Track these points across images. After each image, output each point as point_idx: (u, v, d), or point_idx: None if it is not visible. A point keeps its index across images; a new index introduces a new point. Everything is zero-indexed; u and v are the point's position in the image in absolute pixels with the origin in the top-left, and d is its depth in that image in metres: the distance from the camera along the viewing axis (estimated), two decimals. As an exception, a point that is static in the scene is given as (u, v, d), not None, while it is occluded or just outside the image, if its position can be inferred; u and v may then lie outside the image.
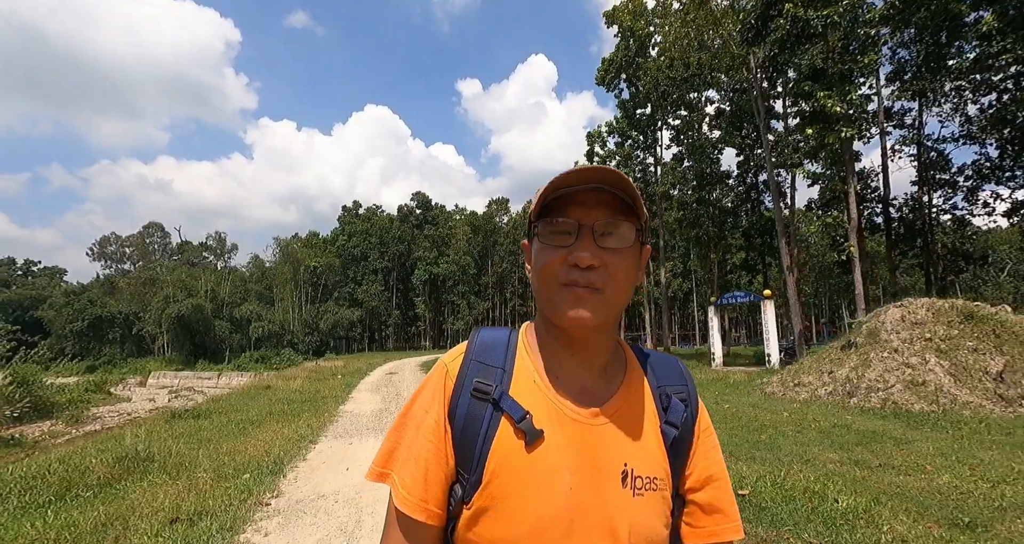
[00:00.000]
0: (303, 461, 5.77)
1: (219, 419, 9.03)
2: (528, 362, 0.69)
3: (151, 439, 6.73)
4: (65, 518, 3.78)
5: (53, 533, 3.46)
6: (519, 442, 0.62)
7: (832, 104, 12.98)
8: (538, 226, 0.65)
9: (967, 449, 4.74)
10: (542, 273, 0.63)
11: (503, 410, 0.64)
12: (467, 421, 0.64)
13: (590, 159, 29.02)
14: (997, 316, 8.05)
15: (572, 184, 0.62)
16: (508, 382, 0.67)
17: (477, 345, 0.71)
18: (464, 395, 0.66)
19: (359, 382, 16.63)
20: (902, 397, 7.20)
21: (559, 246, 0.62)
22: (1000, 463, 4.22)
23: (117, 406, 22.80)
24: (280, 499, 4.36)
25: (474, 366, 0.68)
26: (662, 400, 0.71)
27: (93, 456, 5.55)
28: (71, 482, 4.70)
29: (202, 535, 3.41)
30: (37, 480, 4.76)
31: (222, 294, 53.10)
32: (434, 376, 0.70)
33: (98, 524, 3.63)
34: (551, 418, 0.64)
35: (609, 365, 0.70)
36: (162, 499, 4.15)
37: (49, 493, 4.41)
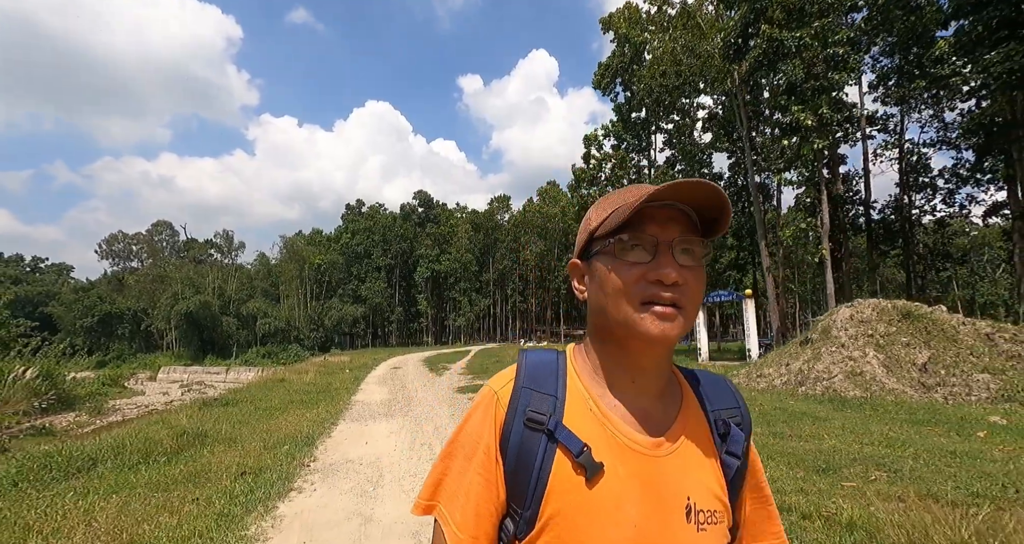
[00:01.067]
0: (328, 438, 6.93)
1: (246, 407, 10.21)
2: (581, 388, 0.65)
3: (196, 421, 7.92)
4: (157, 473, 4.95)
5: (156, 480, 4.63)
6: (579, 477, 0.59)
7: (804, 118, 14.04)
8: (607, 243, 0.62)
9: (865, 424, 5.88)
10: (617, 291, 0.60)
11: (559, 441, 0.60)
12: (521, 452, 0.61)
13: (586, 162, 30.04)
14: (931, 315, 9.19)
15: (660, 199, 0.59)
16: (562, 410, 0.63)
17: (526, 370, 0.67)
18: (517, 424, 0.62)
19: (366, 376, 17.83)
20: (842, 385, 8.35)
21: (635, 263, 0.60)
22: (880, 433, 5.35)
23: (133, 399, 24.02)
24: (317, 462, 5.52)
25: (525, 393, 0.64)
26: (718, 427, 0.67)
27: (156, 433, 6.73)
28: (149, 450, 5.87)
29: (266, 483, 4.57)
30: (120, 450, 5.93)
31: (229, 291, 54.39)
32: (483, 403, 0.66)
33: (187, 475, 4.79)
34: (611, 449, 0.61)
35: (666, 390, 0.67)
36: (228, 460, 5.32)
37: (136, 457, 5.58)
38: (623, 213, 0.60)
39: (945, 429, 5.52)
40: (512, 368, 0.69)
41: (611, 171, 27.63)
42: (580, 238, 0.68)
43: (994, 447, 4.67)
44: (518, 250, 56.23)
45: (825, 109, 14.13)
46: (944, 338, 8.64)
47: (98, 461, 5.54)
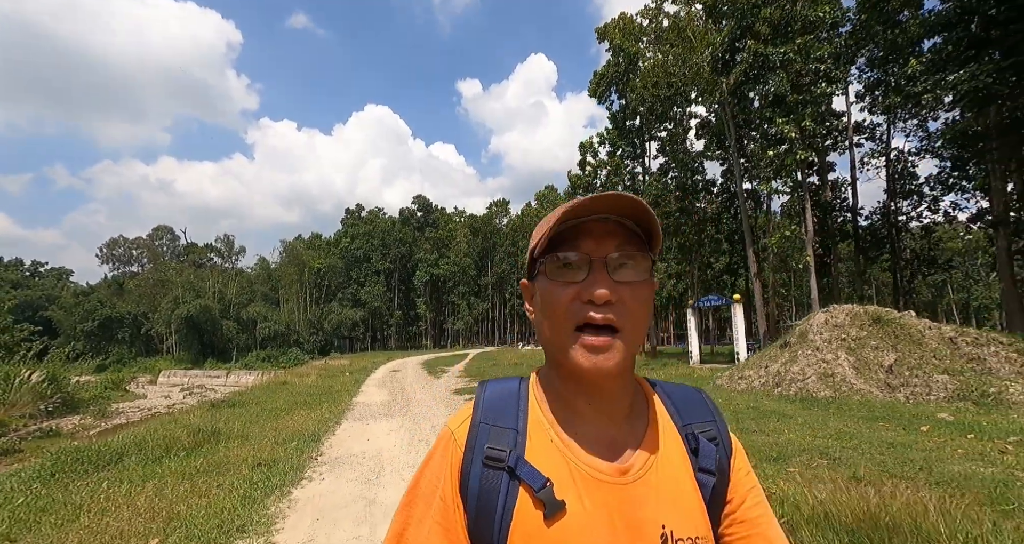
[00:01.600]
0: (333, 435, 7.45)
1: (253, 408, 10.72)
2: (542, 418, 0.62)
3: (209, 420, 8.44)
4: (180, 465, 5.47)
5: (180, 471, 5.15)
6: (540, 514, 0.55)
7: (789, 130, 14.65)
8: (542, 262, 0.59)
9: (825, 421, 6.42)
10: (552, 314, 0.58)
11: (520, 478, 0.57)
12: (482, 495, 0.57)
13: (582, 168, 30.65)
14: (900, 320, 9.75)
15: (581, 215, 0.57)
16: (523, 444, 0.60)
17: (484, 405, 0.63)
18: (475, 465, 0.59)
19: (366, 378, 18.34)
20: (814, 386, 8.90)
21: (569, 282, 0.57)
22: (835, 428, 5.90)
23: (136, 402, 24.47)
24: (323, 456, 6.05)
25: (483, 429, 0.61)
26: (689, 441, 0.63)
27: (173, 431, 7.25)
28: (168, 446, 6.39)
29: (280, 472, 5.10)
30: (142, 445, 6.45)
31: (229, 295, 54.86)
32: (439, 445, 0.63)
33: (207, 466, 5.32)
34: (575, 482, 0.57)
35: (631, 410, 0.64)
36: (243, 454, 5.85)
37: (158, 452, 6.10)
38: (549, 230, 0.57)
39: (895, 424, 6.07)
40: (470, 404, 0.65)
41: (606, 178, 28.24)
42: (529, 258, 0.64)
43: (930, 439, 5.23)
44: (516, 254, 56.79)
45: (809, 122, 14.74)
46: (910, 342, 9.20)
47: (124, 455, 6.06)
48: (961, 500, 3.24)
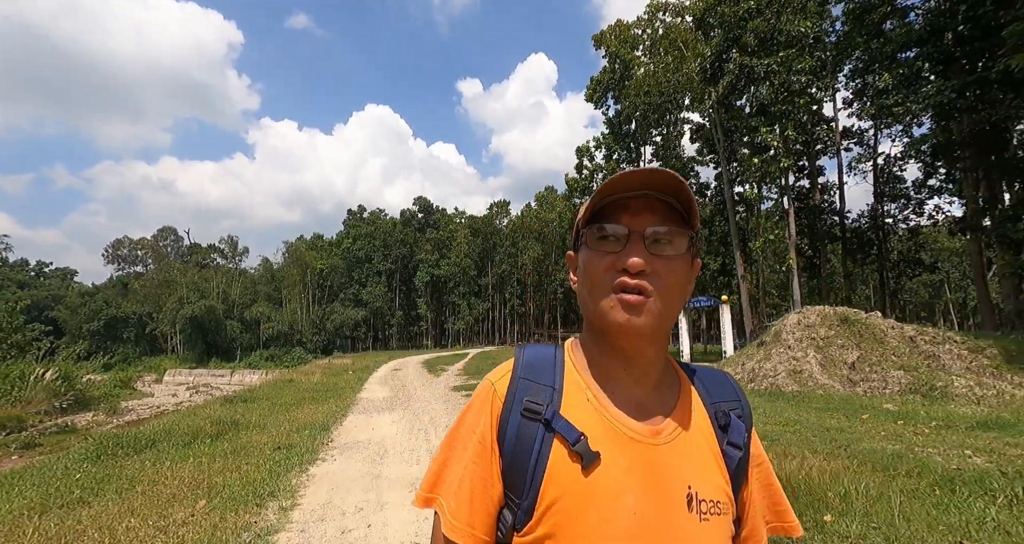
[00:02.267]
0: (340, 426, 8.20)
1: (266, 402, 11.48)
2: (579, 379, 0.66)
3: (228, 412, 9.20)
4: (208, 448, 6.23)
5: (209, 453, 5.91)
6: (575, 466, 0.59)
7: (771, 139, 15.38)
8: (584, 234, 0.64)
9: (782, 410, 7.16)
10: (590, 280, 0.62)
11: (556, 431, 0.61)
12: (518, 443, 0.62)
13: (579, 172, 31.38)
14: (866, 320, 10.49)
15: (620, 191, 0.61)
16: (559, 400, 0.64)
17: (524, 362, 0.68)
18: (514, 415, 0.63)
19: (369, 377, 19.08)
20: (784, 382, 9.64)
21: (608, 252, 0.61)
22: (787, 416, 6.63)
23: (144, 400, 25.26)
24: (333, 442, 6.80)
25: (523, 384, 0.65)
26: (718, 418, 0.67)
27: (196, 421, 8.01)
28: (195, 434, 7.15)
29: (298, 454, 5.85)
30: (170, 433, 7.21)
31: (233, 295, 55.68)
32: (480, 394, 0.68)
33: (233, 450, 6.08)
34: (608, 438, 0.61)
35: (662, 381, 0.68)
36: (263, 440, 6.61)
37: (186, 438, 6.86)
38: (591, 204, 0.62)
39: (841, 414, 6.81)
40: (510, 361, 0.70)
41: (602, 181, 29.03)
42: (575, 231, 0.69)
43: (864, 425, 5.96)
44: (516, 255, 57.47)
45: (791, 131, 15.46)
46: (874, 340, 9.94)
47: (156, 441, 6.82)
48: (857, 469, 4.00)
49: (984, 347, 9.26)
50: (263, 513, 3.90)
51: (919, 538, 2.77)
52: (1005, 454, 4.52)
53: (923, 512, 3.12)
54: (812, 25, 15.22)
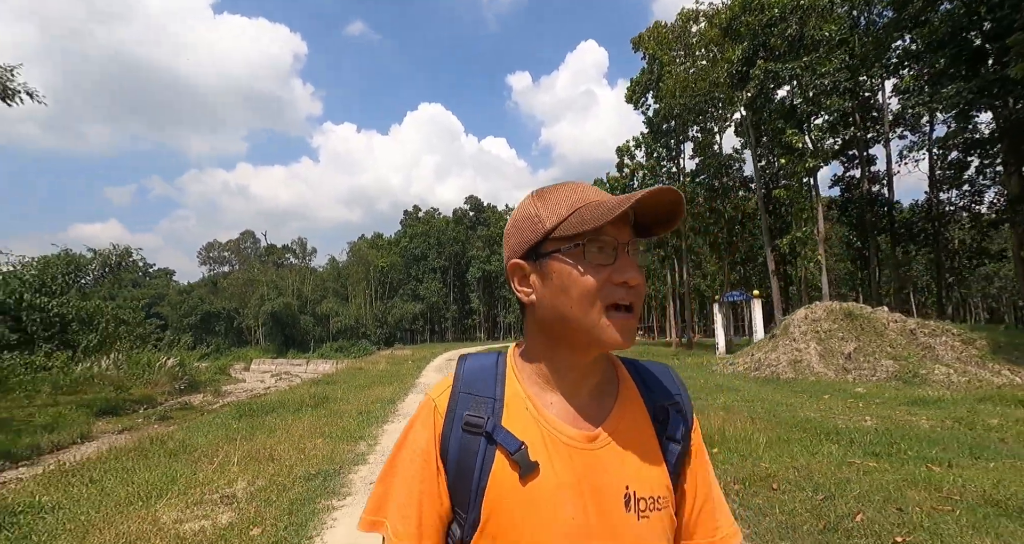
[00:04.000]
0: (403, 401, 10.39)
1: (343, 385, 14.03)
2: (519, 389, 0.67)
3: (320, 390, 11.72)
4: (312, 414, 8.56)
5: (314, 415, 8.22)
6: (515, 475, 0.61)
7: (796, 140, 16.02)
8: (572, 245, 0.61)
9: (767, 393, 8.49)
10: (581, 294, 0.61)
11: (497, 442, 0.62)
12: (461, 457, 0.63)
13: (619, 170, 32.38)
14: (870, 314, 11.34)
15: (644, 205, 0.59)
16: (500, 412, 0.65)
17: (464, 376, 0.68)
18: (455, 430, 0.64)
19: (426, 366, 21.60)
20: (783, 370, 10.79)
21: (601, 265, 0.61)
22: (762, 396, 7.98)
23: (238, 385, 29.39)
24: (398, 411, 8.96)
25: (463, 398, 0.66)
26: (658, 414, 0.69)
27: (299, 396, 10.50)
28: (300, 404, 9.57)
29: (374, 417, 8.02)
30: (282, 404, 9.67)
31: (305, 292, 61.22)
32: (421, 413, 0.68)
33: (329, 414, 8.37)
34: (546, 446, 0.63)
35: (603, 383, 0.70)
36: (348, 408, 8.89)
37: (294, 407, 9.27)
38: (599, 216, 0.59)
39: (810, 395, 8.07)
40: (450, 375, 0.70)
41: (642, 180, 29.90)
42: (526, 237, 0.65)
43: (820, 403, 7.28)
44: (564, 249, 58.66)
45: (816, 132, 16.03)
46: (874, 333, 10.84)
47: (274, 409, 9.30)
48: (771, 427, 5.53)
49: (976, 339, 9.96)
50: (357, 446, 6.02)
51: (753, 458, 4.37)
52: (897, 420, 5.82)
53: (782, 450, 4.68)
54: (837, 28, 15.62)
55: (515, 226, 0.67)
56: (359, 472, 4.91)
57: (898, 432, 5.19)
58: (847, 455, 4.48)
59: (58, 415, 15.67)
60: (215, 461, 5.24)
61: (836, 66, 15.34)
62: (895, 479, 3.71)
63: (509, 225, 0.69)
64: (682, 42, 23.22)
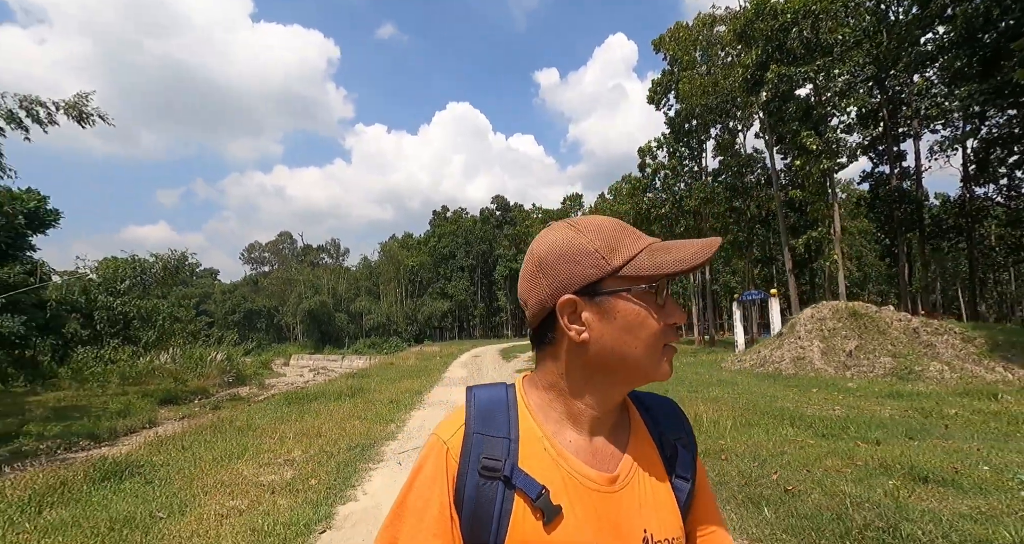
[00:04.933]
0: (429, 393, 11.51)
1: (376, 378, 15.31)
2: (534, 426, 0.65)
3: (355, 382, 12.99)
4: (349, 401, 9.76)
5: (351, 403, 9.41)
6: (537, 522, 0.59)
7: (811, 142, 16.31)
8: (643, 287, 0.61)
9: (761, 387, 9.14)
10: (647, 336, 0.61)
11: (516, 487, 0.60)
12: (477, 504, 0.60)
13: (641, 170, 32.78)
14: (874, 314, 11.73)
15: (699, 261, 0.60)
16: (516, 452, 0.62)
17: (475, 413, 0.65)
18: (471, 475, 0.61)
19: (453, 361, 22.81)
20: (786, 367, 11.34)
21: (660, 307, 0.62)
22: (753, 389, 8.66)
23: (280, 379, 31.38)
24: (424, 401, 10.06)
25: (477, 440, 0.62)
26: (665, 448, 0.69)
27: (337, 387, 11.76)
28: (338, 394, 10.81)
29: (403, 406, 9.14)
30: (322, 393, 10.94)
31: (340, 291, 63.86)
32: (432, 456, 0.64)
33: (363, 401, 9.55)
34: (567, 489, 0.61)
35: (619, 418, 0.69)
36: (380, 397, 10.06)
37: (334, 396, 10.51)
38: (677, 262, 0.59)
39: (801, 389, 8.69)
40: (460, 412, 0.67)
41: (664, 180, 30.25)
42: (582, 272, 0.61)
43: (803, 396, 7.93)
44: (590, 247, 59.03)
45: (831, 134, 16.26)
46: (877, 331, 11.26)
47: (316, 398, 10.57)
48: (747, 414, 6.31)
49: (975, 337, 10.26)
50: (388, 427, 7.12)
51: (715, 437, 5.20)
52: (863, 409, 6.48)
53: (745, 432, 5.47)
54: (851, 31, 15.77)
55: (563, 257, 0.63)
56: (390, 445, 5.99)
57: (856, 419, 5.88)
58: (798, 436, 5.24)
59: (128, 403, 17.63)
60: (275, 436, 6.44)
61: (850, 68, 15.52)
62: (823, 452, 4.48)
63: (549, 254, 0.64)
64: (700, 45, 23.54)
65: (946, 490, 3.40)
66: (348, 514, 3.73)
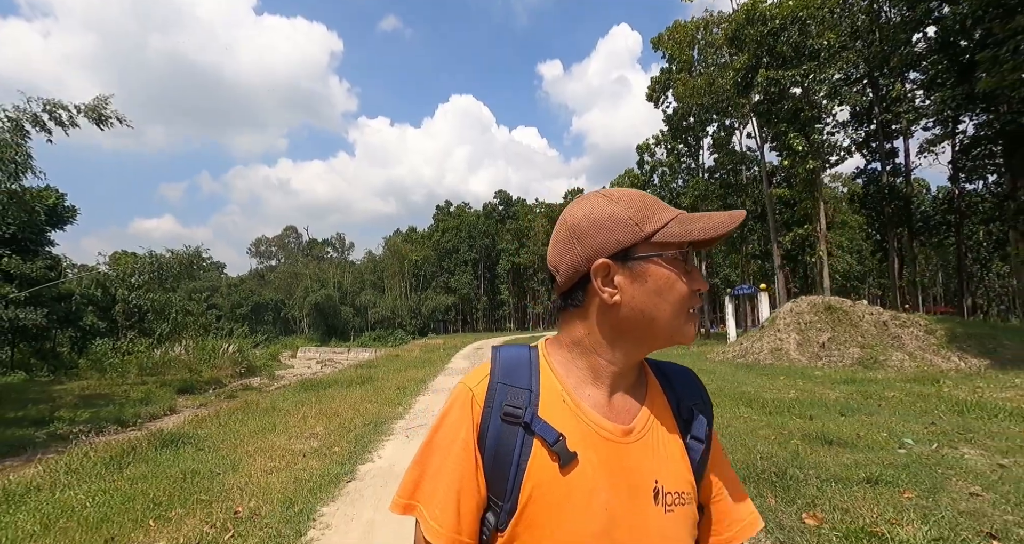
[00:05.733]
0: (432, 381, 12.44)
1: (383, 368, 16.28)
2: (554, 381, 0.69)
3: (364, 372, 13.95)
4: (359, 389, 10.69)
5: (361, 390, 10.34)
6: (553, 465, 0.63)
7: (797, 144, 17.02)
8: (673, 252, 0.65)
9: (735, 375, 9.99)
10: (676, 300, 0.65)
11: (535, 433, 0.64)
12: (499, 446, 0.64)
13: (640, 167, 33.47)
14: (849, 308, 12.54)
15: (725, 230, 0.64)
16: (537, 403, 0.66)
17: (501, 365, 0.70)
18: (494, 419, 0.65)
19: (455, 354, 23.77)
20: (764, 357, 12.19)
21: (687, 272, 0.65)
22: (732, 378, 9.51)
23: (288, 370, 32.49)
24: (428, 388, 10.99)
25: (501, 389, 0.67)
26: (682, 413, 0.72)
27: (348, 376, 12.71)
28: (350, 382, 11.76)
29: (408, 392, 10.06)
30: (335, 382, 11.88)
31: (345, 284, 64.95)
32: (459, 401, 0.68)
33: (373, 389, 10.48)
34: (583, 438, 0.65)
35: (636, 380, 0.72)
36: (388, 385, 11.00)
37: (345, 384, 11.45)
38: (706, 230, 0.64)
39: (770, 377, 9.55)
40: (486, 365, 0.71)
41: (662, 176, 30.95)
42: (616, 237, 0.65)
43: (768, 381, 8.79)
44: (591, 242, 59.79)
45: (816, 136, 16.96)
46: (849, 324, 12.08)
47: (330, 385, 11.52)
48: (720, 398, 7.18)
49: (937, 329, 11.08)
50: (396, 409, 8.04)
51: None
52: (814, 393, 7.35)
53: (704, 410, 6.34)
54: (835, 37, 16.39)
55: (596, 225, 0.66)
56: (398, 423, 6.91)
57: (805, 401, 6.74)
58: (750, 414, 6.11)
59: (148, 392, 18.75)
60: (298, 416, 7.37)
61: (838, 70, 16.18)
62: (762, 425, 5.35)
63: (584, 221, 0.67)
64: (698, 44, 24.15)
65: (842, 449, 4.27)
66: (367, 471, 4.65)
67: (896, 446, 4.28)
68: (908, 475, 3.49)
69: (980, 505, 2.97)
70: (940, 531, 2.61)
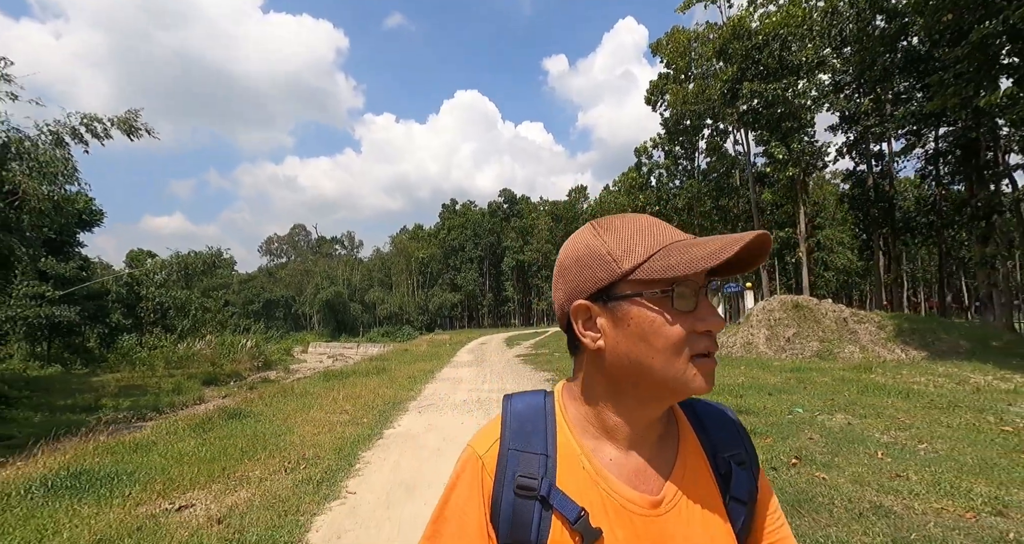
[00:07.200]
0: (440, 372, 13.95)
1: (394, 361, 17.82)
2: (572, 442, 0.62)
3: (377, 364, 15.49)
4: (376, 378, 12.21)
5: (377, 379, 11.87)
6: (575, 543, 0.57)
7: (778, 152, 18.27)
8: (656, 292, 0.55)
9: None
10: (667, 345, 0.55)
11: (553, 508, 0.58)
12: (514, 524, 0.58)
13: (638, 169, 34.70)
14: (814, 306, 13.88)
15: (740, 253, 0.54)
16: (554, 471, 0.60)
17: (511, 426, 0.63)
18: (507, 493, 0.59)
19: (461, 348, 25.31)
20: (736, 351, 13.56)
21: (685, 312, 0.55)
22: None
23: (301, 364, 34.24)
24: (436, 377, 12.49)
25: (512, 456, 0.60)
26: (720, 467, 0.64)
27: (363, 368, 14.24)
28: (366, 372, 13.28)
29: (419, 381, 11.57)
30: (353, 372, 13.40)
31: (354, 281, 66.80)
32: (467, 472, 0.62)
33: (387, 378, 12.01)
34: (607, 512, 0.58)
35: (664, 431, 0.64)
36: (400, 375, 12.52)
37: (362, 375, 12.97)
38: (693, 262, 0.53)
39: (733, 366, 10.92)
40: (495, 424, 0.65)
41: (659, 178, 32.20)
42: (595, 276, 0.58)
43: (732, 371, 10.18)
44: (594, 238, 61.13)
45: (796, 145, 18.22)
46: (813, 320, 13.42)
47: (347, 375, 13.05)
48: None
49: (887, 324, 12.40)
50: (409, 392, 9.55)
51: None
52: (758, 378, 8.73)
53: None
54: (813, 53, 17.58)
55: (578, 262, 0.60)
56: (412, 403, 8.41)
57: (747, 385, 8.13)
58: (697, 395, 7.52)
59: (178, 383, 20.53)
60: (328, 398, 8.89)
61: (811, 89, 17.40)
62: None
63: (567, 259, 0.62)
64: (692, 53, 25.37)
65: (746, 415, 5.68)
66: (390, 434, 6.14)
67: (786, 413, 5.69)
68: (777, 430, 4.91)
69: (807, 445, 4.39)
70: (767, 456, 4.04)
